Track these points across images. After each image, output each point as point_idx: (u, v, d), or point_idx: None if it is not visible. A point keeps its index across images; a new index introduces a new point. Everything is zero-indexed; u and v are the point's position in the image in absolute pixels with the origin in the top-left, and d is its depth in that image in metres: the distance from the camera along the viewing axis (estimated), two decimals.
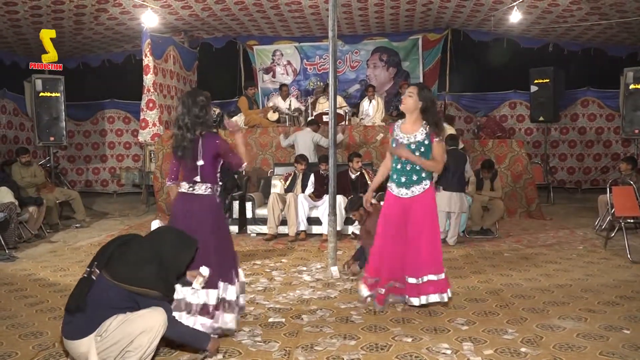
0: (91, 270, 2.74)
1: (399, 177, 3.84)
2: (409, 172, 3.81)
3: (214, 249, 3.33)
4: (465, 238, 6.56)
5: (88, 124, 12.21)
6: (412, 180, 3.80)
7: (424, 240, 3.76)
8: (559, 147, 11.47)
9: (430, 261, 3.76)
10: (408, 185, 3.81)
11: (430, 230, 3.78)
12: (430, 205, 3.82)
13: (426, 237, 3.76)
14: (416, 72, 11.30)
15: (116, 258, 2.75)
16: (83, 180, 12.14)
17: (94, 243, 6.65)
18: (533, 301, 4.09)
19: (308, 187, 7.13)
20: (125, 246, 2.82)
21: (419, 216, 3.77)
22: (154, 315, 2.73)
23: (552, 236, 6.74)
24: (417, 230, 3.76)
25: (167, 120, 9.20)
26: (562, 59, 10.62)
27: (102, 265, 2.73)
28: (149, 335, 2.69)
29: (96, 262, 2.76)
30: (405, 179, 3.81)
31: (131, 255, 2.77)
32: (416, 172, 3.80)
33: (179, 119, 3.45)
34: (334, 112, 5.00)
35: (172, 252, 2.85)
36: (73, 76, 10.41)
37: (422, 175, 3.80)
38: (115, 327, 2.68)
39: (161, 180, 8.49)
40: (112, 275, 2.69)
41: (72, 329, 2.73)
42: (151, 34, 8.82)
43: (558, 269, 5.12)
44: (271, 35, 11.37)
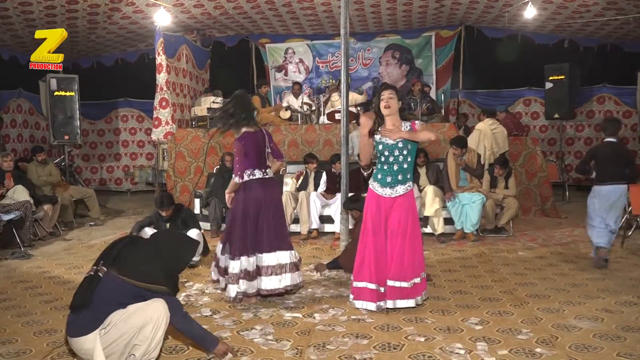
0: (98, 268, 2.78)
1: (384, 176, 3.87)
2: (396, 172, 3.84)
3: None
4: (479, 237, 6.51)
5: (102, 122, 12.32)
6: (397, 180, 3.84)
7: (407, 242, 3.78)
8: (575, 144, 11.33)
9: (412, 264, 3.78)
10: (393, 184, 3.84)
11: (412, 230, 3.81)
12: (412, 206, 3.88)
13: (409, 238, 3.78)
14: (429, 69, 11.22)
15: (124, 256, 2.80)
16: (97, 179, 12.25)
17: (107, 241, 6.67)
18: (548, 301, 4.04)
19: (320, 186, 7.11)
20: (131, 246, 2.88)
21: (401, 216, 3.79)
22: (154, 306, 2.76)
23: (568, 235, 6.66)
24: (398, 230, 3.77)
25: (179, 119, 9.24)
26: (577, 56, 10.47)
27: (110, 263, 2.77)
28: (151, 325, 2.72)
29: (102, 260, 2.81)
30: (390, 179, 3.85)
31: (138, 253, 2.84)
32: (402, 172, 3.85)
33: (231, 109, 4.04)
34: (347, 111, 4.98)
35: (175, 252, 2.93)
36: (87, 75, 10.50)
37: (407, 176, 3.87)
38: (118, 321, 2.72)
39: (174, 179, 8.53)
40: (121, 272, 2.74)
41: (76, 327, 2.76)
42: (164, 33, 8.86)
43: (574, 268, 5.05)
44: (283, 33, 11.36)
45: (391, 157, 3.86)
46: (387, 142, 3.85)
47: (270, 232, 4.02)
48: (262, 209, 4.00)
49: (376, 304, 3.82)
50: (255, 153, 4.04)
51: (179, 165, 8.58)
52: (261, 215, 4.01)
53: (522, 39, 10.62)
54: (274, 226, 4.05)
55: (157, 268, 2.81)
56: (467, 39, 10.87)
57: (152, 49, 9.56)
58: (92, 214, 8.05)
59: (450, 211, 6.51)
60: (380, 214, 3.85)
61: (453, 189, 6.55)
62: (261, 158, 4.08)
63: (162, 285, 2.79)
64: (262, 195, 4.01)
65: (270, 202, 4.05)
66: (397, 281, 3.78)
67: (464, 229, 6.47)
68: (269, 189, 4.07)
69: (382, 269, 3.83)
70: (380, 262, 3.83)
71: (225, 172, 7.27)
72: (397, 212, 3.82)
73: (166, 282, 2.82)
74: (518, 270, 5.01)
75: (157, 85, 8.87)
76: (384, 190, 3.86)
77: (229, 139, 8.48)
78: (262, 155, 4.08)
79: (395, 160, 3.85)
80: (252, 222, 3.98)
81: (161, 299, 2.79)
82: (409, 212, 3.84)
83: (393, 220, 3.82)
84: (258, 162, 4.05)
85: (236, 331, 3.51)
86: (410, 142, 3.85)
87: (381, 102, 3.87)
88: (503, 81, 11.34)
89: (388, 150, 3.86)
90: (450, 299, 4.12)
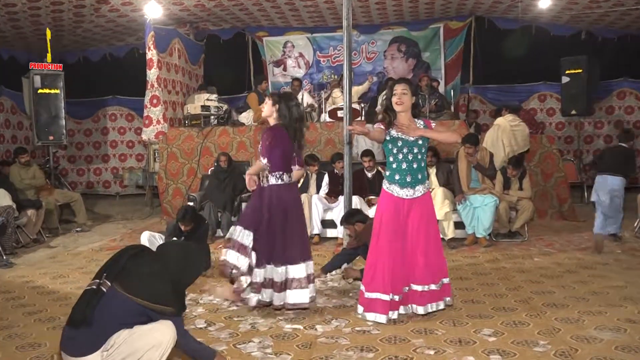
0: (100, 282, 2.73)
1: (403, 176, 3.84)
2: (416, 170, 3.84)
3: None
4: (492, 242, 6.49)
5: (89, 122, 12.33)
6: (417, 180, 3.85)
7: (431, 244, 3.82)
8: (594, 142, 11.31)
9: (440, 267, 3.84)
10: (414, 184, 3.84)
11: (435, 232, 3.89)
12: (432, 206, 3.94)
13: (433, 239, 3.83)
14: (437, 63, 11.21)
15: (129, 271, 2.76)
16: (84, 182, 12.26)
17: (95, 248, 6.70)
18: (567, 310, 4.02)
19: (322, 188, 7.10)
20: (138, 259, 2.84)
21: (423, 216, 3.82)
22: (164, 329, 2.73)
23: (587, 239, 6.63)
24: (421, 232, 3.80)
25: (171, 117, 9.24)
26: (596, 48, 10.46)
27: (114, 278, 2.73)
28: (159, 350, 2.70)
29: (106, 273, 2.76)
30: (411, 179, 3.83)
31: (145, 268, 2.79)
32: (421, 170, 3.87)
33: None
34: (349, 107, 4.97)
35: (184, 267, 2.90)
36: (73, 72, 10.50)
37: (425, 174, 3.90)
38: (123, 342, 2.67)
39: (165, 181, 8.53)
40: (127, 289, 2.69)
41: (75, 345, 2.70)
42: (155, 26, 8.87)
43: (594, 275, 5.03)
44: (282, 25, 11.36)
45: (410, 154, 3.84)
46: (407, 138, 3.82)
47: (299, 241, 4.09)
48: (289, 216, 4.06)
49: (387, 315, 3.80)
50: (285, 153, 4.09)
51: (171, 167, 8.57)
52: (288, 223, 4.06)
53: (537, 30, 10.61)
54: (300, 234, 4.14)
55: (164, 285, 2.77)
56: (478, 31, 10.86)
57: (142, 43, 9.57)
58: (79, 220, 8.04)
59: (461, 214, 6.49)
60: (399, 217, 3.83)
61: (464, 190, 6.54)
62: (289, 161, 4.15)
63: (169, 305, 2.76)
64: (289, 201, 4.08)
65: (295, 208, 4.13)
66: (425, 285, 3.82)
67: (475, 233, 6.45)
68: (294, 195, 4.18)
69: (400, 276, 3.83)
70: (397, 269, 3.81)
71: (221, 173, 7.27)
72: (418, 212, 3.83)
73: (173, 301, 2.78)
74: (534, 277, 4.99)
75: (147, 82, 8.87)
76: (404, 192, 3.83)
77: (223, 139, 8.49)
78: (290, 157, 4.15)
79: (415, 158, 3.84)
80: (280, 229, 4.03)
81: (169, 321, 2.76)
82: (430, 211, 3.90)
83: (415, 220, 3.82)
84: (286, 165, 4.11)
85: (232, 344, 3.50)
86: (425, 139, 3.85)
87: (393, 97, 3.85)
88: (516, 75, 11.32)
89: (408, 147, 3.83)
90: (462, 309, 4.10)
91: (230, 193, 7.12)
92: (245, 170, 7.75)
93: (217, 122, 8.92)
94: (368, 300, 3.86)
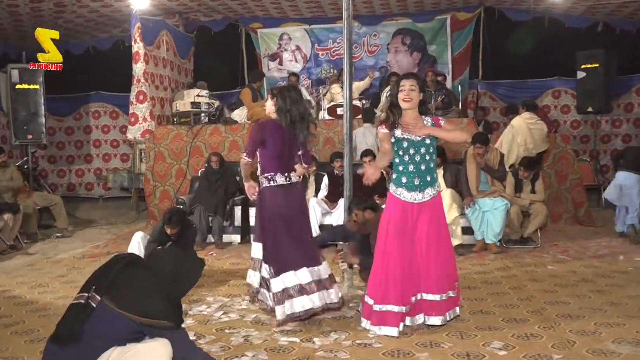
0: (89, 296, 2.69)
1: (411, 179, 3.84)
2: (424, 172, 3.84)
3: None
4: (503, 248, 6.49)
5: (70, 119, 12.31)
6: (426, 182, 3.85)
7: (443, 249, 3.85)
8: (611, 142, 11.32)
9: (452, 273, 3.88)
10: (422, 187, 3.84)
11: (446, 236, 3.93)
12: (442, 209, 3.97)
13: (444, 244, 3.86)
14: (444, 57, 11.22)
15: (120, 284, 2.72)
16: (65, 184, 12.25)
17: (76, 255, 6.68)
18: (582, 322, 4.02)
19: (321, 190, 7.10)
20: (129, 269, 2.81)
21: (433, 220, 3.84)
22: (160, 349, 2.71)
23: (604, 246, 6.64)
24: (432, 238, 3.81)
25: (159, 115, 9.23)
26: (613, 40, 10.47)
27: (104, 291, 2.69)
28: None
29: (95, 286, 2.73)
30: (419, 181, 3.83)
31: (137, 281, 2.76)
32: (429, 172, 3.87)
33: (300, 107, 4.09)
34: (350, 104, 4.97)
35: (178, 278, 2.88)
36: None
37: (434, 175, 3.91)
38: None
39: (152, 183, 8.53)
40: (118, 304, 2.66)
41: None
42: (141, 17, 8.86)
43: (611, 284, 5.03)
44: (277, 16, 11.38)
45: (417, 155, 3.84)
46: (413, 138, 3.82)
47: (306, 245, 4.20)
48: (292, 221, 4.12)
49: (398, 327, 3.79)
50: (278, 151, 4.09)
51: (158, 168, 8.57)
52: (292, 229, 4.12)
53: (550, 22, 10.61)
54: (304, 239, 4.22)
55: (158, 299, 2.74)
56: (487, 22, 10.88)
57: (127, 35, 9.56)
58: (59, 224, 8.03)
59: (469, 219, 6.50)
60: (408, 222, 3.83)
61: (473, 193, 6.54)
62: (286, 159, 4.15)
63: (167, 319, 2.73)
64: (286, 205, 4.10)
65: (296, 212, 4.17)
66: (442, 294, 3.83)
67: (485, 239, 6.45)
68: (293, 198, 4.18)
69: (408, 285, 3.82)
70: (405, 277, 3.81)
71: (212, 174, 7.27)
72: (428, 216, 3.83)
73: (168, 314, 2.75)
74: (547, 286, 4.99)
75: (133, 77, 8.86)
76: (412, 195, 3.83)
77: (215, 138, 8.49)
78: (288, 155, 4.15)
79: (422, 159, 3.84)
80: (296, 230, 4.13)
81: (165, 339, 2.74)
82: (440, 215, 3.92)
83: (424, 225, 3.82)
84: (280, 165, 4.11)
85: (224, 358, 3.50)
86: (433, 137, 3.85)
87: (400, 94, 3.83)
88: (528, 70, 11.32)
89: (414, 148, 3.83)
90: (470, 320, 4.10)
91: (222, 196, 7.12)
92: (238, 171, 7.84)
93: (208, 119, 8.92)
94: (378, 313, 3.83)
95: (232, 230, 7.20)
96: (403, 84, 3.84)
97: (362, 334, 3.86)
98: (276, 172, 4.07)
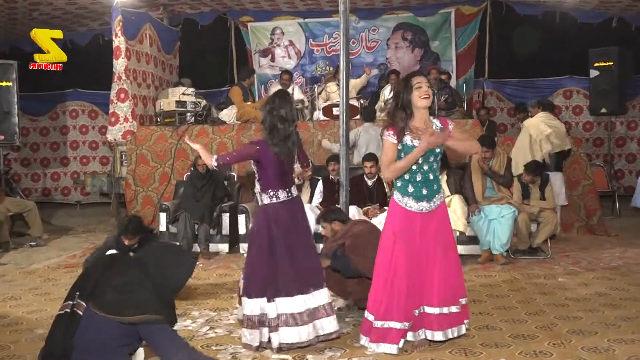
0: (74, 304, 2.70)
1: (418, 188, 3.85)
2: (432, 181, 3.87)
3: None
4: (510, 259, 6.51)
5: (46, 119, 12.29)
6: (433, 191, 3.88)
7: (450, 260, 3.86)
8: (626, 145, 11.38)
9: (456, 286, 3.88)
10: (430, 197, 3.86)
11: (452, 245, 3.96)
12: (447, 217, 3.99)
13: (451, 254, 3.88)
14: (448, 53, 11.25)
15: (103, 286, 2.74)
16: (40, 188, 12.21)
17: (51, 265, 6.66)
18: (595, 338, 4.03)
19: (315, 196, 7.10)
20: (112, 269, 2.83)
21: (441, 229, 3.87)
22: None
23: (619, 256, 6.67)
24: (438, 248, 3.83)
25: (142, 114, 9.23)
26: (629, 37, 10.53)
27: (87, 297, 2.70)
28: None
29: (78, 292, 2.74)
30: (427, 191, 3.85)
31: (121, 279, 2.78)
32: (437, 181, 3.91)
33: (283, 110, 4.00)
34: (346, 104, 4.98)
35: (166, 270, 2.89)
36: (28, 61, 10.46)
37: (439, 183, 3.95)
38: None
39: (134, 188, 8.51)
40: (102, 308, 2.67)
41: None
42: (122, 9, 8.87)
43: (626, 297, 5.05)
44: (269, 9, 11.39)
45: (426, 164, 3.84)
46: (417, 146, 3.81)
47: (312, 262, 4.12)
48: (293, 236, 4.05)
49: (398, 345, 3.79)
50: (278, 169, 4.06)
51: (140, 172, 8.55)
52: (293, 244, 4.04)
53: (561, 17, 10.68)
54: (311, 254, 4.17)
55: (146, 293, 2.75)
56: (494, 17, 10.93)
57: (108, 28, 9.56)
58: (33, 232, 8.00)
59: (474, 228, 6.51)
60: (413, 233, 3.83)
61: (478, 200, 6.56)
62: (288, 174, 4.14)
63: (155, 313, 2.72)
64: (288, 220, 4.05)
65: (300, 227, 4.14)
66: (444, 307, 3.82)
67: (491, 249, 6.47)
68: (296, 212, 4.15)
69: (413, 298, 3.82)
70: (410, 291, 3.81)
71: (198, 179, 7.27)
72: (434, 225, 3.85)
73: (159, 309, 2.75)
74: (558, 300, 5.00)
75: (114, 74, 8.86)
76: (419, 205, 3.83)
77: (202, 139, 8.49)
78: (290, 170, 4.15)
79: (430, 169, 3.86)
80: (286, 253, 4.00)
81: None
82: (446, 222, 3.95)
83: (430, 235, 3.83)
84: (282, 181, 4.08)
85: None
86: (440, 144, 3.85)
87: (417, 91, 3.77)
88: (538, 69, 11.37)
89: (423, 157, 3.81)
90: (475, 337, 4.11)
91: (209, 202, 7.11)
92: (227, 176, 7.85)
93: (195, 120, 8.92)
94: (378, 330, 3.82)
95: (220, 239, 7.18)
96: (419, 81, 3.78)
97: (358, 351, 3.86)
98: (278, 188, 4.05)
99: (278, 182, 4.05)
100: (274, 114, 4.01)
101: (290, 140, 4.04)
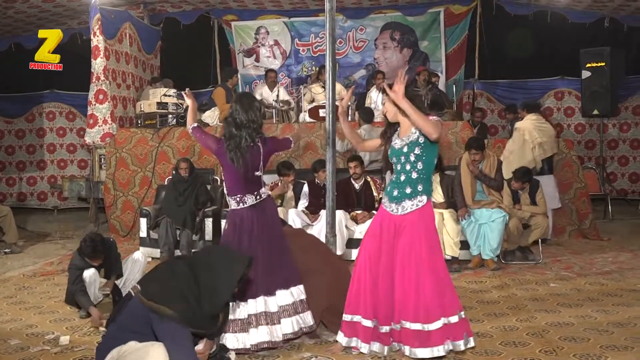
0: (134, 286, 3.21)
1: (391, 189, 3.92)
2: (402, 183, 3.86)
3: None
4: (501, 264, 6.53)
5: (22, 121, 12.21)
6: (404, 194, 3.84)
7: (426, 272, 3.72)
8: (619, 147, 11.47)
9: (441, 300, 3.72)
10: (399, 199, 3.86)
11: (430, 256, 3.76)
12: (425, 227, 3.82)
13: (427, 266, 3.72)
14: (437, 54, 11.32)
15: (154, 273, 3.27)
16: (15, 193, 12.11)
17: (27, 273, 6.60)
18: (587, 345, 4.06)
19: (301, 201, 7.10)
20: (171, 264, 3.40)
21: (414, 239, 3.76)
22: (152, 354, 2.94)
23: (611, 261, 6.71)
24: (410, 257, 3.74)
25: (121, 116, 9.18)
26: (621, 37, 10.64)
27: (142, 281, 3.24)
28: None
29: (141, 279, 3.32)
30: (397, 192, 3.87)
31: (166, 270, 3.23)
32: (410, 184, 3.84)
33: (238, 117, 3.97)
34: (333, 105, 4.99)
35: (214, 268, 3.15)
36: (2, 62, 10.42)
37: (417, 188, 3.83)
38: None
39: (113, 192, 8.47)
40: (141, 291, 3.08)
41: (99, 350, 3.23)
42: (101, 8, 8.84)
43: (618, 303, 5.08)
44: (254, 8, 11.40)
45: (398, 164, 3.90)
46: (394, 147, 3.91)
47: (283, 264, 4.12)
48: (262, 239, 4.06)
49: (369, 345, 3.82)
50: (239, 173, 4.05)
51: (120, 175, 8.51)
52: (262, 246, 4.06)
53: (553, 17, 10.76)
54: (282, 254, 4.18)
55: (177, 286, 3.06)
56: (485, 17, 10.99)
57: (86, 27, 9.51)
58: (8, 239, 7.92)
59: (464, 232, 6.53)
60: (385, 234, 3.86)
61: (468, 204, 6.57)
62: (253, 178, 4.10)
63: (173, 308, 2.97)
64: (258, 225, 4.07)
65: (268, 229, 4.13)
66: (414, 323, 3.69)
67: (481, 254, 6.49)
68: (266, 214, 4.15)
69: (385, 304, 3.82)
70: (382, 294, 3.82)
71: (180, 183, 7.24)
72: (408, 233, 3.79)
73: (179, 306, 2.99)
74: (549, 306, 5.03)
75: (92, 74, 8.82)
76: (390, 206, 3.90)
77: (184, 142, 8.47)
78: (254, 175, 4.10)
79: (403, 169, 3.87)
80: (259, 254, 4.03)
81: (162, 347, 2.96)
82: (422, 233, 3.78)
83: (403, 244, 3.78)
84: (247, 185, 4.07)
85: None
86: (422, 144, 3.80)
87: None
88: (529, 69, 11.45)
89: (395, 157, 3.90)
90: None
91: (191, 207, 7.08)
92: (210, 180, 7.82)
93: (176, 122, 8.89)
94: (348, 323, 3.90)
95: (203, 245, 7.15)
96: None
97: (344, 358, 3.86)
98: (244, 193, 4.05)
99: (242, 187, 4.05)
100: (229, 120, 4.04)
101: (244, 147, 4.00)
